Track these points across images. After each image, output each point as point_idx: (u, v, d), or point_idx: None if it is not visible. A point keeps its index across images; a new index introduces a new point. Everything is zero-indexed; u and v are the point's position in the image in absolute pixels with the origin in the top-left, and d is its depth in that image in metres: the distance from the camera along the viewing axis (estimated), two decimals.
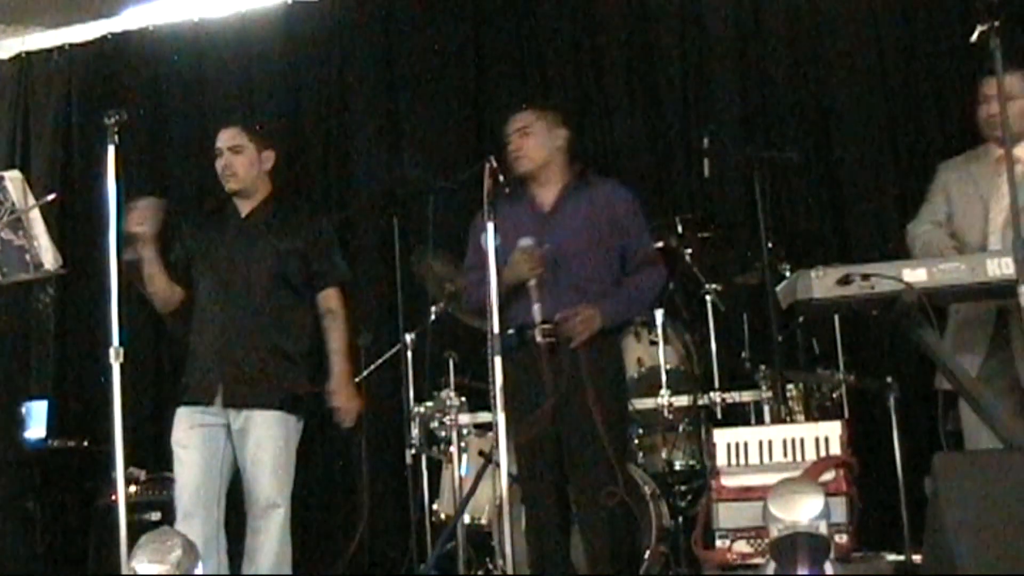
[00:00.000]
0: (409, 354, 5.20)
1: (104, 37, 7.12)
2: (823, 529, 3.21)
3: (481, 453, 4.71)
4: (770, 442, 3.94)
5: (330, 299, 4.27)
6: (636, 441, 4.88)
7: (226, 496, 4.16)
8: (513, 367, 3.74)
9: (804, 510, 3.21)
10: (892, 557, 4.45)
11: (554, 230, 3.96)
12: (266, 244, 4.21)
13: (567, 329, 3.83)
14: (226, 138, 4.28)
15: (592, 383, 3.79)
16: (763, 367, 4.79)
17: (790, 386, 4.83)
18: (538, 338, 3.87)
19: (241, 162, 4.25)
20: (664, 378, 4.71)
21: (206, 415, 4.12)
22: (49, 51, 7.23)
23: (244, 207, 4.31)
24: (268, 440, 4.11)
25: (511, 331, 3.91)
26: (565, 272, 3.91)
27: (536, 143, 4.05)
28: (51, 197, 4.94)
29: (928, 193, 4.25)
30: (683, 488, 4.76)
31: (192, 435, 4.12)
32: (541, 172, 4.07)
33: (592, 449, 3.78)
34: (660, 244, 4.66)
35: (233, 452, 4.15)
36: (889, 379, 4.71)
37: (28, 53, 7.28)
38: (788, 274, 4.59)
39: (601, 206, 4.03)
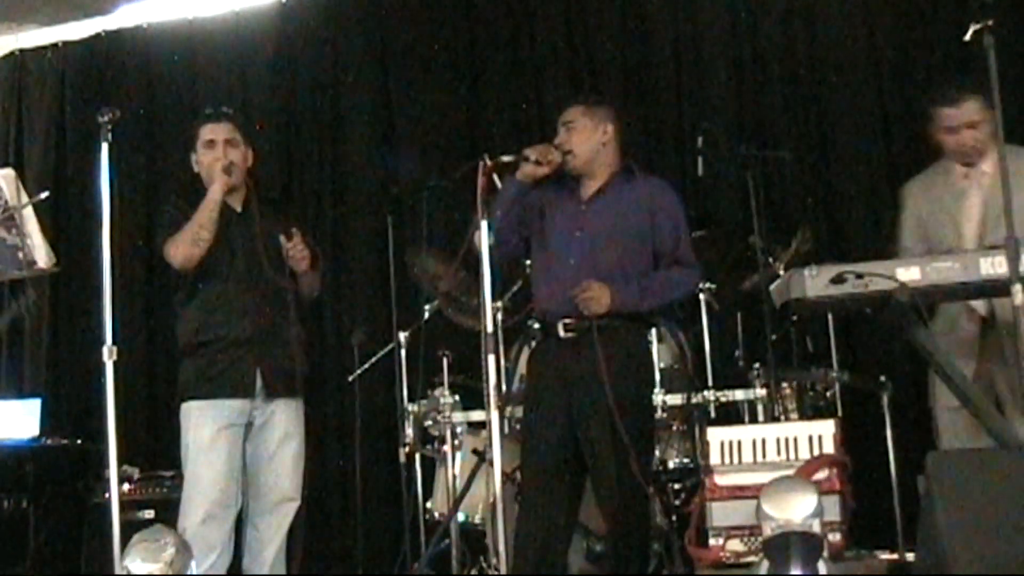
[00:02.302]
0: (403, 352, 5.20)
1: (98, 35, 7.11)
2: (816, 528, 3.21)
3: (475, 451, 4.71)
4: (764, 440, 3.93)
5: None
6: None
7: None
8: (536, 360, 4.09)
9: (797, 508, 3.21)
10: (885, 556, 4.45)
11: (587, 221, 4.06)
12: (272, 233, 4.22)
13: (578, 303, 3.90)
14: (224, 131, 4.27)
15: (608, 377, 3.82)
16: (757, 366, 4.79)
17: (784, 385, 4.83)
18: (561, 333, 3.96)
19: (236, 156, 4.27)
20: (658, 376, 4.70)
21: (233, 414, 4.12)
22: (43, 49, 7.22)
23: (235, 202, 4.31)
24: (293, 434, 4.21)
25: (537, 324, 4.09)
26: (593, 263, 3.99)
27: (580, 139, 4.08)
28: (44, 195, 4.93)
29: (900, 219, 4.37)
30: (677, 486, 4.75)
31: (220, 438, 4.09)
32: (587, 166, 4.10)
33: (610, 444, 3.82)
34: None
35: (245, 450, 4.18)
36: (883, 378, 4.71)
37: (22, 51, 7.26)
38: (782, 273, 4.59)
39: (639, 201, 4.07)
